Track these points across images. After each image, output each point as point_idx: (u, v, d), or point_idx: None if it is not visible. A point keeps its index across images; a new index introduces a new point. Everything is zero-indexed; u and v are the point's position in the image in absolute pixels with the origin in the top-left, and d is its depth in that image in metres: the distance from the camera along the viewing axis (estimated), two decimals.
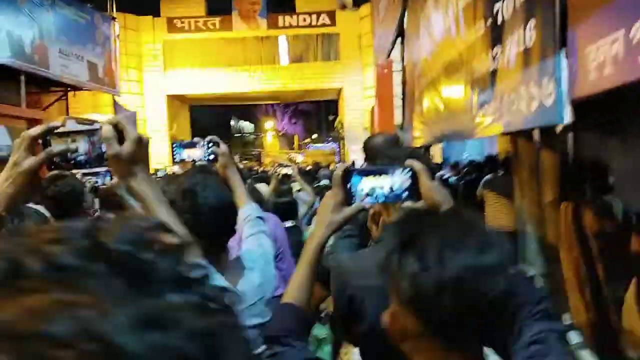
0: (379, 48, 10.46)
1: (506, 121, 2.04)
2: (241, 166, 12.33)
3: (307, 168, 11.31)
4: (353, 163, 1.72)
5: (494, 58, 2.20)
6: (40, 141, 0.96)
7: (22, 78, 8.82)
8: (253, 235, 1.73)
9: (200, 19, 17.35)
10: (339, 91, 18.20)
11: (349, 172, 0.98)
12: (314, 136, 31.54)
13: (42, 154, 0.94)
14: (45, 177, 2.40)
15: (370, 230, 1.34)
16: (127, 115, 13.17)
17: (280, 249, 2.76)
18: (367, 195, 0.98)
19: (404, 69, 5.99)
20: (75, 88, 11.31)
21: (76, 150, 0.97)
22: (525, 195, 2.00)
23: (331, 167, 14.69)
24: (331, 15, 17.35)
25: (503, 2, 2.03)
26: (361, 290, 1.11)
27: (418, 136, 4.53)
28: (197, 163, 1.67)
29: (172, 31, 17.31)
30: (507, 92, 2.02)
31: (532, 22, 1.75)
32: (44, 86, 10.89)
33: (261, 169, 13.79)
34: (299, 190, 4.74)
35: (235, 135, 30.49)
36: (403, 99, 7.21)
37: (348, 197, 0.98)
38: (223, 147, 1.77)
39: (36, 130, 0.94)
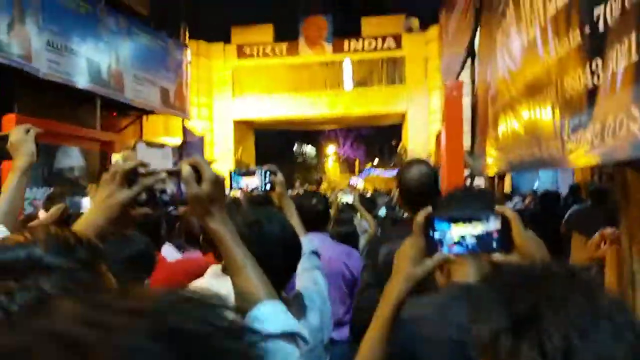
0: (446, 70, 10.10)
1: (609, 148, 1.68)
2: (302, 191, 12.26)
3: (367, 194, 11.02)
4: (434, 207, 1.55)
5: (592, 73, 1.85)
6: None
7: (98, 102, 9.29)
8: (307, 271, 1.63)
9: (268, 44, 17.75)
10: (403, 116, 17.87)
11: (432, 218, 0.89)
12: (376, 161, 31.21)
13: (136, 187, 0.97)
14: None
15: (433, 276, 1.17)
16: (195, 139, 13.58)
17: (355, 280, 2.59)
18: (456, 243, 0.88)
19: (475, 92, 5.62)
20: (147, 112, 11.82)
21: (164, 190, 1.01)
22: (635, 241, 1.62)
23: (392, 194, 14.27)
24: (397, 38, 17.19)
25: (606, 5, 1.70)
26: (424, 342, 1.01)
27: (492, 163, 4.14)
28: (254, 192, 1.62)
29: (241, 57, 17.83)
30: (610, 113, 1.67)
31: None
32: (120, 110, 11.47)
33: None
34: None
35: (298, 160, 30.77)
36: (473, 123, 6.80)
37: (430, 246, 0.89)
38: (280, 177, 1.71)
39: (129, 164, 0.97)
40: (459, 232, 0.87)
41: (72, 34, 8.32)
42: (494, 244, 0.87)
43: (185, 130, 13.02)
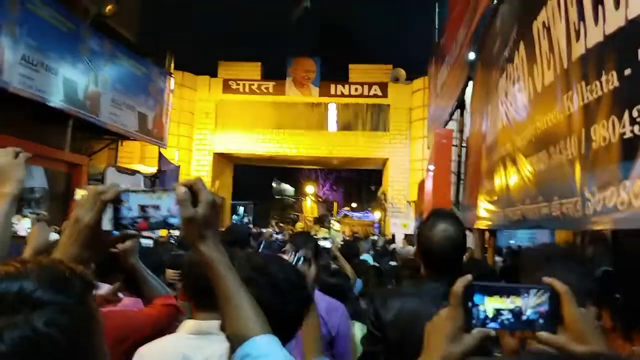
0: (433, 120, 10.04)
1: None
2: (276, 230, 11.87)
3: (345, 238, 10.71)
4: (474, 277, 1.37)
5: (632, 122, 1.58)
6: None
7: (70, 122, 8.84)
8: None
9: (255, 82, 17.69)
10: (385, 162, 17.81)
11: (471, 288, 0.78)
12: (354, 205, 31.05)
13: (98, 203, 0.92)
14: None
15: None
16: (171, 168, 13.12)
17: (332, 338, 2.31)
18: (490, 318, 0.78)
19: (466, 142, 5.42)
20: (123, 137, 11.38)
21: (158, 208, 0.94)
22: None
23: (371, 238, 14.02)
24: (383, 87, 17.32)
25: None
26: None
27: (485, 217, 3.86)
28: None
29: (227, 91, 17.70)
30: None
31: None
32: (94, 133, 11.01)
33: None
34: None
35: (276, 197, 30.36)
36: (458, 174, 6.60)
37: (468, 321, 0.79)
38: (313, 270, 1.61)
39: (110, 194, 0.93)
40: (500, 306, 0.77)
41: (50, 51, 7.96)
42: (540, 321, 0.77)
43: (161, 158, 12.57)
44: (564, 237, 9.69)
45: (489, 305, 0.78)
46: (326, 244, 4.61)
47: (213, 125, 17.63)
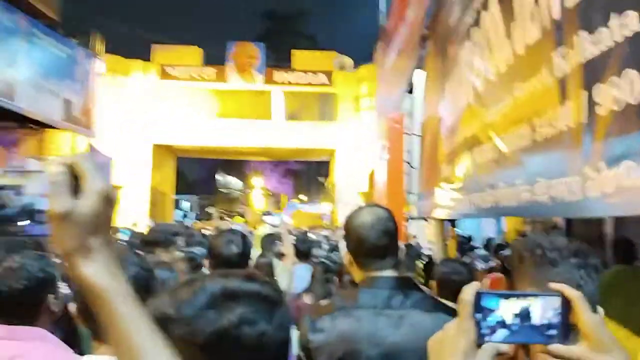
0: (382, 107, 9.74)
1: None
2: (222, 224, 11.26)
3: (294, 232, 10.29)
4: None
5: None
6: None
7: None
8: None
9: (195, 68, 16.81)
10: (332, 152, 17.50)
11: (477, 297, 0.66)
12: (302, 197, 30.72)
13: None
14: None
15: None
16: (102, 161, 12.11)
17: None
18: (499, 332, 0.64)
19: (421, 127, 5.08)
20: (46, 126, 10.30)
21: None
22: None
23: (323, 232, 13.63)
24: (328, 75, 16.93)
25: None
26: None
27: (444, 205, 3.50)
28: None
29: (165, 78, 16.72)
30: None
31: None
32: (11, 121, 9.86)
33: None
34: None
35: (221, 190, 29.42)
36: (410, 163, 6.31)
37: (477, 334, 0.65)
38: None
39: None
40: (510, 310, 0.65)
41: None
42: (552, 332, 0.66)
43: (92, 150, 11.55)
44: (513, 225, 9.58)
45: (503, 309, 0.67)
46: (274, 220, 4.27)
47: (151, 114, 16.60)
